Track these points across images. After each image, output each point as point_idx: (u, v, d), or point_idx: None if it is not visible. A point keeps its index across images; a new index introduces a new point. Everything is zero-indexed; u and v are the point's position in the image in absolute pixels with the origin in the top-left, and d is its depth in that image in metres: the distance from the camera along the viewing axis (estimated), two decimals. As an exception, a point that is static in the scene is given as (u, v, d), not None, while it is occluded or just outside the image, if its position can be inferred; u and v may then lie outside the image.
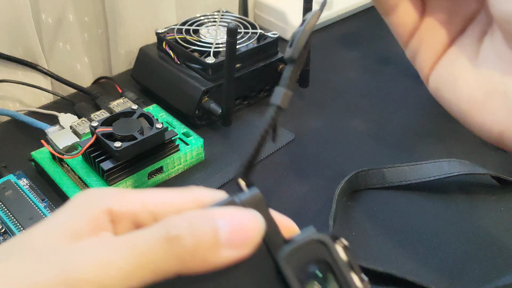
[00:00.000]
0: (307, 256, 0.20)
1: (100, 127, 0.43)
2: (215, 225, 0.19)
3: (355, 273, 0.20)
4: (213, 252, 0.18)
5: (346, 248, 0.20)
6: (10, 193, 0.42)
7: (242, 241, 0.19)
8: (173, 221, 0.19)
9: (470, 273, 0.38)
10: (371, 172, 0.45)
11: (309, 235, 0.20)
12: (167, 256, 0.18)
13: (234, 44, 0.45)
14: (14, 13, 0.49)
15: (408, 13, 0.27)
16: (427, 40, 0.26)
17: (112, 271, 0.18)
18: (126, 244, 0.19)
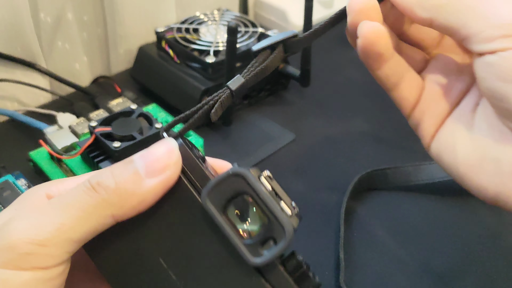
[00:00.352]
0: (227, 190, 0.20)
1: (99, 126, 0.42)
2: (132, 162, 0.21)
3: (283, 201, 0.21)
4: (138, 184, 0.20)
5: (269, 178, 0.21)
6: (8, 193, 0.42)
7: (161, 167, 0.21)
8: (93, 173, 0.22)
9: (472, 275, 0.38)
10: (374, 173, 0.44)
11: (227, 171, 0.20)
12: (96, 202, 0.20)
13: (234, 43, 0.45)
14: (12, 12, 0.49)
15: (409, 89, 0.29)
16: (427, 113, 0.29)
17: (47, 227, 0.20)
18: (55, 202, 0.21)
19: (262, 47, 0.26)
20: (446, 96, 0.28)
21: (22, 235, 0.19)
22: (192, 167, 0.21)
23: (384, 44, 0.27)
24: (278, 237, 0.20)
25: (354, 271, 0.38)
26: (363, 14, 0.26)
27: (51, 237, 0.19)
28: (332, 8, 0.71)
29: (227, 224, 0.20)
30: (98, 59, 0.61)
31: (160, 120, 0.47)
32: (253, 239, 0.20)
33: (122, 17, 0.57)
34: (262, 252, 0.20)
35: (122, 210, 0.20)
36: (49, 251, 0.20)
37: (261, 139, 0.51)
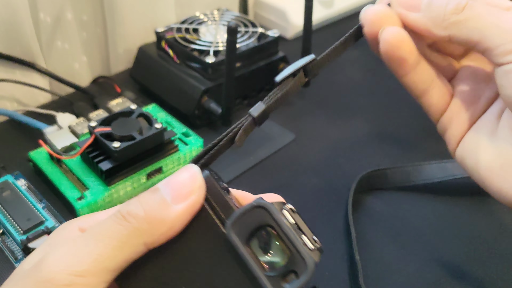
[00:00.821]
0: (251, 222, 0.21)
1: (99, 127, 0.42)
2: (157, 190, 0.22)
3: (304, 235, 0.21)
4: (166, 211, 0.21)
5: (293, 212, 0.21)
6: (8, 193, 0.42)
7: (186, 192, 0.22)
8: (123, 204, 0.22)
9: (472, 275, 0.38)
10: (374, 173, 0.44)
11: (251, 202, 0.21)
12: (128, 231, 0.21)
13: (234, 43, 0.45)
14: (12, 11, 0.49)
15: (437, 96, 0.30)
16: (455, 120, 0.29)
17: (84, 258, 0.20)
18: (89, 233, 0.21)
19: (285, 76, 0.26)
20: (474, 104, 0.29)
21: (61, 267, 0.20)
22: (216, 197, 0.22)
23: (407, 48, 0.27)
24: (299, 271, 0.20)
25: (354, 272, 0.38)
26: (379, 22, 0.27)
27: (89, 267, 0.20)
28: (332, 8, 0.71)
29: (250, 256, 0.21)
30: (97, 59, 0.61)
31: (159, 120, 0.46)
32: (275, 272, 0.21)
33: (121, 17, 0.57)
34: (284, 285, 0.20)
35: (153, 237, 0.21)
36: (88, 281, 0.20)
37: (261, 139, 0.51)
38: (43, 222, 0.39)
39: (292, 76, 0.27)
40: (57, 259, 0.20)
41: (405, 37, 0.27)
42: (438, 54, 0.30)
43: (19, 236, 0.38)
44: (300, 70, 0.27)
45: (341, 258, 0.39)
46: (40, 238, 0.38)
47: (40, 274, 0.20)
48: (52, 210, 0.42)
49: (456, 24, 0.25)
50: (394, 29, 0.26)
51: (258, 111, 0.25)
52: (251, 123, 0.25)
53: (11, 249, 0.39)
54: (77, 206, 0.40)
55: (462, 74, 0.30)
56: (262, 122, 0.26)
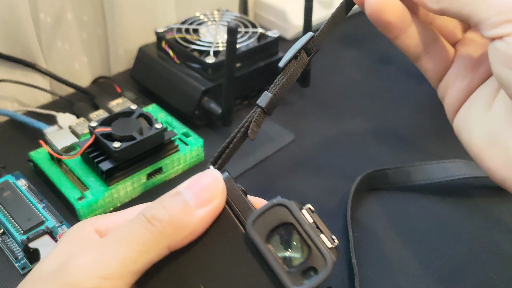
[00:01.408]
0: (271, 220, 0.21)
1: (99, 127, 0.42)
2: (179, 194, 0.22)
3: (323, 234, 0.21)
4: (189, 215, 0.21)
5: (311, 211, 0.22)
6: (8, 193, 0.42)
7: (209, 197, 0.22)
8: (146, 207, 0.22)
9: (472, 275, 0.38)
10: (374, 174, 0.44)
11: (272, 201, 0.21)
12: (153, 235, 0.21)
13: (234, 44, 0.45)
14: (12, 12, 0.49)
15: (434, 61, 0.29)
16: (452, 87, 0.28)
17: (110, 261, 0.20)
18: (114, 237, 0.22)
19: (287, 61, 0.26)
20: (474, 72, 0.28)
21: (88, 271, 0.20)
22: (236, 198, 0.23)
23: (392, 12, 0.26)
24: (319, 267, 0.21)
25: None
26: None
27: (115, 271, 0.20)
28: (332, 9, 0.71)
29: (270, 253, 0.21)
30: (98, 59, 0.61)
31: (160, 121, 0.46)
32: (294, 268, 0.21)
33: (122, 17, 0.57)
34: (303, 282, 0.21)
35: (177, 241, 0.22)
36: (113, 284, 0.20)
37: (261, 139, 0.51)
38: (44, 222, 0.39)
39: (295, 58, 0.27)
40: (84, 263, 0.21)
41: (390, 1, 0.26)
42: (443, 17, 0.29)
43: (19, 236, 0.38)
44: (301, 51, 0.27)
45: (341, 258, 0.39)
46: (40, 238, 0.38)
47: (67, 278, 0.20)
48: (52, 210, 0.42)
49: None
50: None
51: (266, 101, 0.25)
52: (260, 114, 0.25)
53: (12, 249, 0.39)
54: (77, 206, 0.40)
55: (466, 39, 0.29)
56: (272, 110, 0.26)
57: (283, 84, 0.26)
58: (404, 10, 0.27)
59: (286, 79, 0.26)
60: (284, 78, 0.26)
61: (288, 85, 0.26)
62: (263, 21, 0.72)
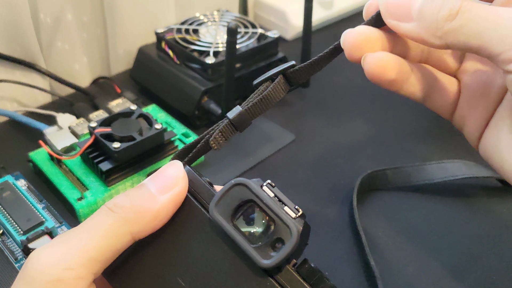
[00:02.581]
0: (233, 200, 0.22)
1: (99, 127, 0.42)
2: (144, 185, 0.23)
3: (286, 206, 0.22)
4: (151, 201, 0.22)
5: (271, 186, 0.22)
6: (8, 194, 0.42)
7: (170, 183, 0.22)
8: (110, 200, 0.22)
9: (472, 276, 0.38)
10: (374, 174, 0.44)
11: (230, 182, 0.22)
12: (114, 220, 0.21)
13: (234, 44, 0.45)
14: (12, 12, 0.49)
15: (442, 98, 0.28)
16: (469, 117, 0.27)
17: (71, 249, 0.20)
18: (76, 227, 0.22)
19: (261, 80, 0.27)
20: (485, 97, 0.27)
21: (49, 262, 0.20)
22: (200, 188, 0.23)
23: (393, 71, 0.26)
24: (285, 238, 0.21)
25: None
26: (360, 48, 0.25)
27: (76, 259, 0.20)
28: (332, 9, 0.71)
29: (235, 231, 0.21)
30: (97, 59, 0.61)
31: (159, 121, 0.46)
32: (262, 243, 0.21)
33: (121, 17, 0.57)
34: (271, 254, 0.21)
35: (139, 226, 0.22)
36: (76, 273, 0.20)
37: (261, 140, 0.51)
38: (43, 223, 0.39)
39: (270, 80, 0.27)
40: (45, 255, 0.21)
41: (389, 61, 0.25)
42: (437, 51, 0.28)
43: (19, 236, 0.38)
44: (278, 75, 0.27)
45: (341, 258, 0.39)
46: (40, 238, 0.38)
47: (29, 272, 0.20)
48: (52, 211, 0.42)
49: (452, 32, 0.23)
50: (375, 56, 0.25)
51: (235, 114, 0.26)
52: (227, 125, 0.26)
53: (11, 250, 0.39)
54: (77, 206, 0.40)
55: (467, 64, 0.28)
56: (242, 127, 0.26)
57: (256, 103, 0.26)
58: (403, 62, 0.26)
59: (260, 99, 0.26)
60: (258, 97, 0.26)
61: (262, 105, 0.26)
62: (263, 22, 0.72)
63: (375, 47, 0.26)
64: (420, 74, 0.27)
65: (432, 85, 0.28)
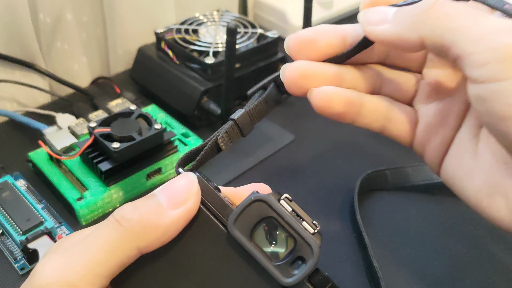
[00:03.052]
0: (252, 216, 0.21)
1: (98, 127, 0.42)
2: (154, 196, 0.22)
3: (304, 221, 0.21)
4: (161, 216, 0.21)
5: (289, 200, 0.22)
6: (7, 194, 0.42)
7: (182, 198, 0.21)
8: (117, 209, 0.21)
9: (471, 276, 0.38)
10: (373, 174, 0.44)
11: (249, 197, 0.21)
12: (120, 234, 0.20)
13: (233, 44, 0.45)
14: (12, 12, 0.49)
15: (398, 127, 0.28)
16: (427, 144, 0.27)
17: (75, 266, 0.20)
18: (82, 240, 0.21)
19: (255, 89, 0.27)
20: (443, 123, 0.26)
21: (52, 278, 0.19)
22: (211, 197, 0.22)
23: (339, 105, 0.26)
24: (306, 256, 0.21)
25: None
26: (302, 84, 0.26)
27: (80, 276, 0.20)
28: (331, 9, 0.71)
29: (255, 250, 0.21)
30: (97, 59, 0.61)
31: (159, 121, 0.46)
32: (282, 261, 0.21)
33: (121, 17, 0.57)
34: (293, 273, 0.21)
35: (146, 241, 0.21)
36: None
37: (260, 140, 0.51)
38: (43, 223, 0.39)
39: (263, 89, 0.27)
40: (49, 270, 0.20)
41: (335, 94, 0.25)
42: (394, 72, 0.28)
43: (18, 236, 0.38)
44: (271, 83, 0.27)
45: (341, 258, 0.39)
46: (39, 238, 0.38)
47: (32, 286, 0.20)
48: (51, 211, 0.42)
49: (427, 21, 0.22)
50: (320, 90, 0.25)
51: (239, 114, 0.26)
52: (232, 126, 0.25)
53: (11, 250, 0.39)
54: (76, 206, 0.40)
55: (423, 90, 0.27)
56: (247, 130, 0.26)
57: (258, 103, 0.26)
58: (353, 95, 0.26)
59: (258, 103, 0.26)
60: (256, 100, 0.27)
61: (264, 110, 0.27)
62: (262, 22, 0.72)
63: (315, 82, 0.26)
64: (373, 105, 0.27)
65: (388, 115, 0.28)
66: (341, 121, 0.27)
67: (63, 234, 0.40)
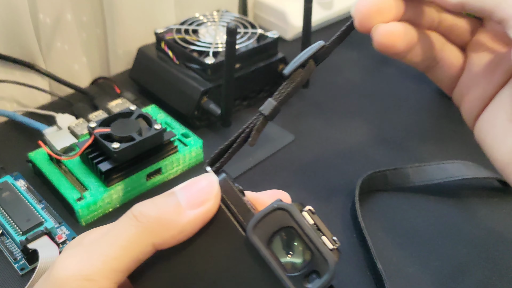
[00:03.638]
0: (272, 224, 0.21)
1: (98, 128, 0.42)
2: (173, 194, 0.22)
3: (324, 235, 0.21)
4: (179, 215, 0.21)
5: (311, 213, 0.22)
6: (7, 194, 0.41)
7: (202, 199, 0.21)
8: (136, 204, 0.22)
9: (471, 276, 0.38)
10: (374, 175, 0.44)
11: (272, 205, 0.21)
12: (137, 230, 0.20)
13: (233, 44, 0.45)
14: (12, 12, 0.49)
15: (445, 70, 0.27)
16: (468, 95, 0.26)
17: (92, 261, 0.20)
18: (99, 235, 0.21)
19: (294, 68, 0.26)
20: (489, 76, 0.25)
21: (70, 273, 0.20)
22: (235, 200, 0.22)
23: (402, 44, 0.25)
24: (321, 271, 0.20)
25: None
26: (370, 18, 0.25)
27: (98, 270, 0.20)
28: (331, 10, 0.71)
29: (271, 258, 0.21)
30: (97, 60, 0.61)
31: (159, 121, 0.46)
32: (297, 273, 0.21)
33: (121, 18, 0.57)
34: (306, 286, 0.20)
35: (162, 239, 0.21)
36: (98, 284, 0.20)
37: (260, 140, 0.51)
38: (43, 223, 0.39)
39: (302, 67, 0.26)
40: (67, 265, 0.20)
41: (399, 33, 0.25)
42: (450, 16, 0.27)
43: (18, 237, 0.38)
44: (309, 60, 0.26)
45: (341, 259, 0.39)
46: (39, 239, 0.38)
47: (52, 281, 0.20)
48: (51, 211, 0.42)
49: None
50: (385, 28, 0.25)
51: (269, 109, 0.25)
52: (262, 122, 0.25)
53: (10, 250, 0.39)
54: (76, 207, 0.40)
55: (478, 39, 0.26)
56: (273, 117, 0.26)
57: (288, 93, 0.25)
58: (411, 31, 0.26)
59: (291, 89, 0.25)
60: (290, 86, 0.25)
61: (292, 94, 0.26)
62: (262, 22, 0.72)
63: (386, 16, 0.25)
64: (425, 43, 0.27)
65: (436, 56, 0.27)
66: (392, 56, 0.26)
67: (63, 235, 0.40)
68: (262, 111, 0.25)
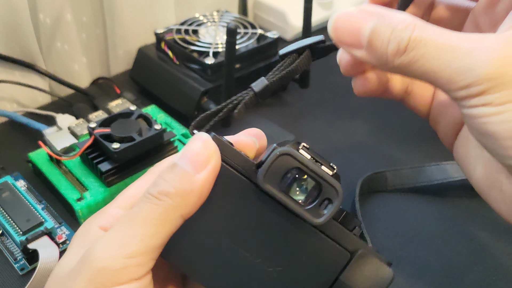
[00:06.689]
0: (279, 169, 0.23)
1: (98, 128, 0.42)
2: (176, 165, 0.22)
3: (323, 165, 0.23)
4: (192, 182, 0.22)
5: (307, 149, 0.24)
6: (7, 194, 0.42)
7: (204, 159, 0.22)
8: (149, 186, 0.23)
9: (471, 276, 0.38)
10: (373, 176, 0.44)
11: (274, 153, 0.22)
12: (164, 208, 0.22)
13: (233, 45, 0.45)
14: (12, 13, 0.49)
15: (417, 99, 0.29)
16: (441, 121, 0.28)
17: (131, 240, 0.21)
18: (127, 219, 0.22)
19: (289, 51, 0.27)
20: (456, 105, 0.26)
21: (112, 253, 0.21)
22: (230, 153, 0.23)
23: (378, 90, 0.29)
24: (332, 197, 0.22)
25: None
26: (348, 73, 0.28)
27: (138, 248, 0.21)
28: (331, 10, 0.71)
29: (287, 199, 0.23)
30: (97, 60, 0.61)
31: (159, 122, 0.46)
32: (312, 205, 0.23)
33: (121, 18, 0.57)
34: (322, 212, 0.22)
35: (188, 209, 0.22)
36: (139, 261, 0.21)
37: (260, 141, 0.51)
38: (43, 223, 0.39)
39: (297, 53, 0.27)
40: (105, 247, 0.21)
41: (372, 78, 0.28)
42: None
43: (18, 237, 0.38)
44: (307, 49, 0.27)
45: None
46: (39, 239, 0.38)
47: (93, 265, 0.21)
48: (51, 211, 0.42)
49: (402, 67, 0.22)
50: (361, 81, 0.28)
51: (260, 87, 0.26)
52: (251, 97, 0.26)
53: (11, 250, 0.39)
54: (76, 207, 0.40)
55: None
56: (264, 98, 0.26)
57: (282, 76, 0.26)
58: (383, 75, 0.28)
59: (286, 73, 0.26)
60: (284, 70, 0.26)
61: (286, 79, 0.27)
62: (262, 22, 0.72)
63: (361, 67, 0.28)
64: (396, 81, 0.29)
65: (407, 89, 0.30)
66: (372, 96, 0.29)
67: (63, 235, 0.40)
68: (253, 87, 0.26)
